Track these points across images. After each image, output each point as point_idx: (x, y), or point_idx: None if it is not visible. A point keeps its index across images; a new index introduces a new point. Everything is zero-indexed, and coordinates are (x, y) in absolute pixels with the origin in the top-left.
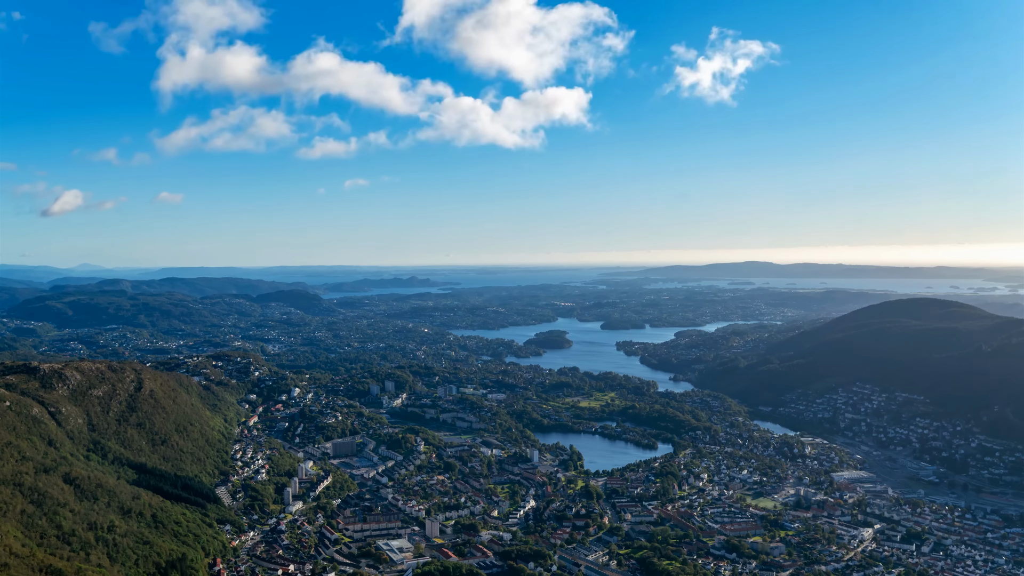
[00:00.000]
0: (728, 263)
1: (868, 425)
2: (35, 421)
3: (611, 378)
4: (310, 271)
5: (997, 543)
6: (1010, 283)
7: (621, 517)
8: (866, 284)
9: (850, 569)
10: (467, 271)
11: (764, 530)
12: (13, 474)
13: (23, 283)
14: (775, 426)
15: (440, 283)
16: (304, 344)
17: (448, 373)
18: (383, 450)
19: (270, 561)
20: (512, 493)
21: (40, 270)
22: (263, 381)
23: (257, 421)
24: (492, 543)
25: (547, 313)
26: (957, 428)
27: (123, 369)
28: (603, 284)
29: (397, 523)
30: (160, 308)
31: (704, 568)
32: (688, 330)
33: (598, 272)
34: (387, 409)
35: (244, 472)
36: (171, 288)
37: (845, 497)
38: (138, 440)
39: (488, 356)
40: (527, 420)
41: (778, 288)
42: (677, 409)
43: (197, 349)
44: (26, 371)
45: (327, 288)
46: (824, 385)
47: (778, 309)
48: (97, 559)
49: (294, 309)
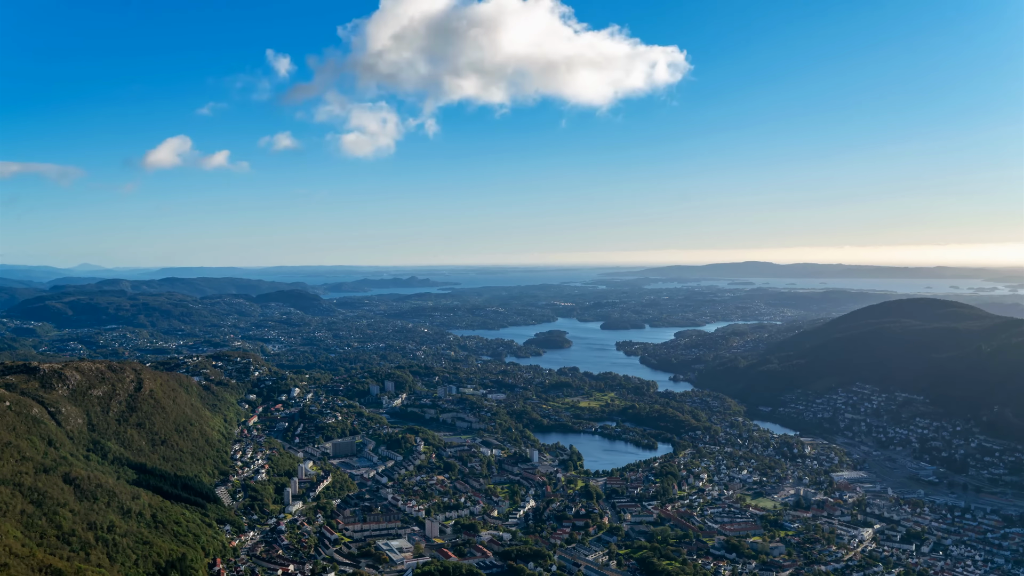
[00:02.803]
0: (728, 263)
1: (868, 425)
2: (35, 421)
3: (611, 378)
4: (310, 271)
5: (997, 543)
6: (1010, 283)
7: (621, 517)
8: (866, 284)
9: (850, 569)
10: (467, 271)
11: (764, 530)
12: (13, 474)
13: (23, 283)
14: (775, 426)
15: (440, 283)
16: (304, 344)
17: (448, 373)
18: (383, 450)
19: (270, 561)
20: (512, 493)
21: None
22: (263, 381)
23: (257, 421)
24: (492, 543)
25: (547, 313)
26: (957, 428)
27: (123, 369)
28: (603, 284)
29: (397, 523)
30: (160, 308)
31: (704, 568)
32: (688, 330)
33: (598, 272)
34: (387, 409)
35: (244, 472)
36: (171, 288)
37: (845, 497)
38: (138, 440)
39: (488, 356)
40: (527, 420)
41: (778, 288)
42: (677, 409)
43: (197, 349)
44: (26, 371)
45: (327, 288)
46: (824, 385)
47: (778, 309)
48: (97, 559)
49: (294, 309)
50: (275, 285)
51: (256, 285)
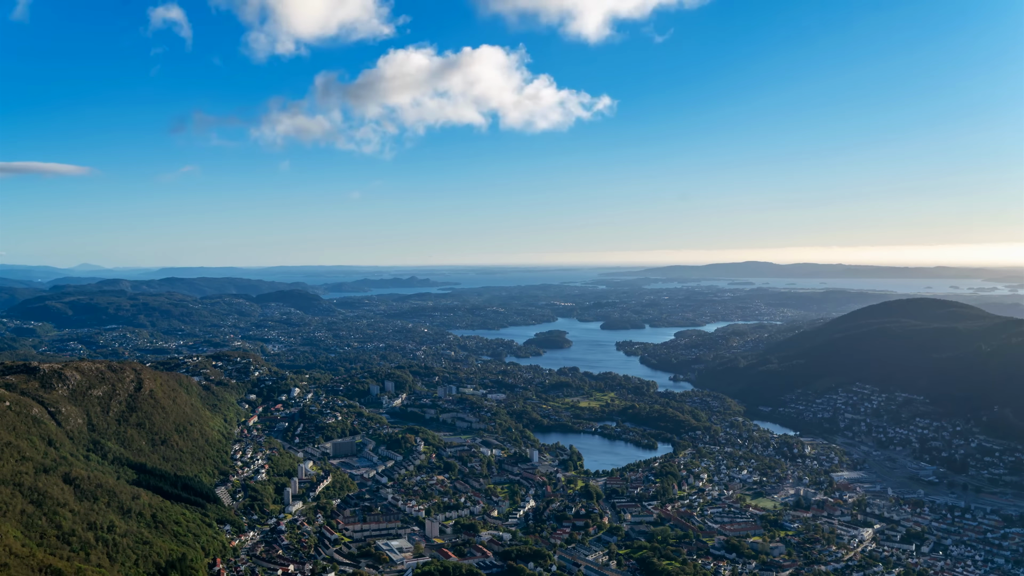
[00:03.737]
0: (728, 263)
1: (868, 425)
2: (35, 421)
3: (611, 378)
4: (310, 271)
5: (997, 543)
6: (1010, 283)
7: (621, 517)
8: (866, 284)
9: (850, 569)
10: (467, 271)
11: (764, 530)
12: (13, 474)
13: (23, 283)
14: (775, 426)
15: (440, 283)
16: (304, 344)
17: (448, 373)
18: (383, 450)
19: (270, 561)
20: (512, 493)
21: (40, 270)
22: (263, 381)
23: (257, 421)
24: (492, 543)
25: (547, 313)
26: (957, 428)
27: (123, 369)
28: (603, 284)
29: (397, 523)
30: (160, 308)
31: (704, 568)
32: (688, 330)
33: (598, 272)
34: (387, 409)
35: (244, 472)
36: (171, 288)
37: (845, 497)
38: (138, 440)
39: (488, 356)
40: (527, 420)
41: (778, 288)
42: (677, 409)
43: (197, 349)
44: (26, 371)
45: (327, 288)
46: (824, 385)
47: (778, 309)
48: (97, 559)
49: (294, 309)
50: (275, 285)
51: (256, 285)
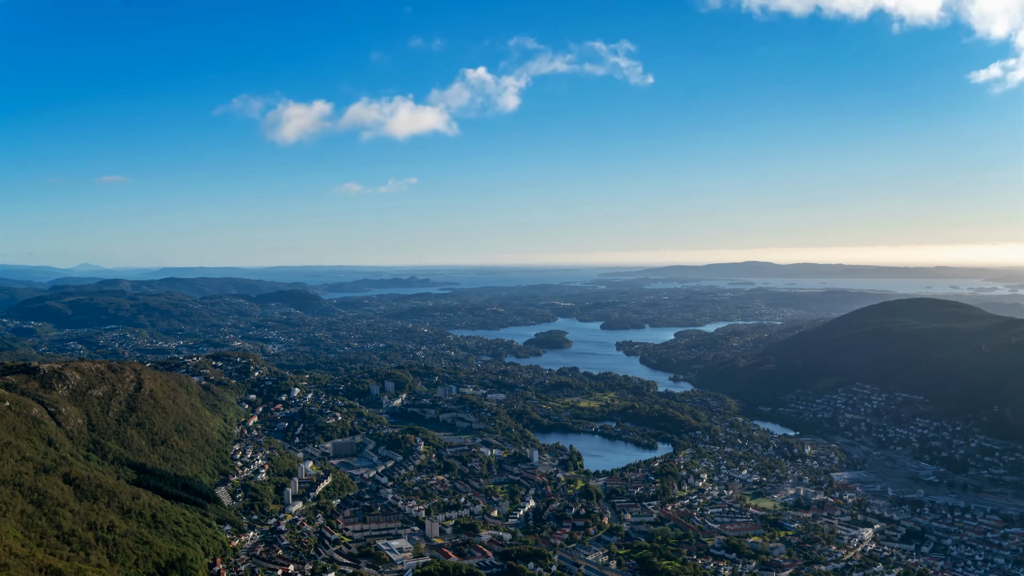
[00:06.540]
0: (728, 263)
1: (868, 425)
2: (35, 421)
3: (611, 378)
4: (310, 271)
5: (997, 543)
6: (1010, 283)
7: (621, 517)
8: (866, 284)
9: (850, 569)
10: (467, 271)
11: (764, 530)
12: (13, 474)
13: (23, 283)
14: (775, 426)
15: (440, 283)
16: (304, 344)
17: (448, 373)
18: (383, 450)
19: (270, 561)
20: (512, 493)
21: (40, 270)
22: (263, 381)
23: (257, 421)
24: (492, 543)
25: (547, 313)
26: (957, 428)
27: (123, 369)
28: (603, 284)
29: (397, 523)
30: (160, 308)
31: (704, 568)
32: (688, 330)
33: (598, 272)
34: (387, 409)
35: (244, 472)
36: (171, 288)
37: (845, 497)
38: (138, 440)
39: (488, 356)
40: (527, 420)
41: (778, 288)
42: (677, 409)
43: (197, 349)
44: (26, 371)
45: (327, 288)
46: (824, 385)
47: (778, 309)
48: (97, 559)
49: (294, 309)
50: (275, 285)
51: (256, 285)
